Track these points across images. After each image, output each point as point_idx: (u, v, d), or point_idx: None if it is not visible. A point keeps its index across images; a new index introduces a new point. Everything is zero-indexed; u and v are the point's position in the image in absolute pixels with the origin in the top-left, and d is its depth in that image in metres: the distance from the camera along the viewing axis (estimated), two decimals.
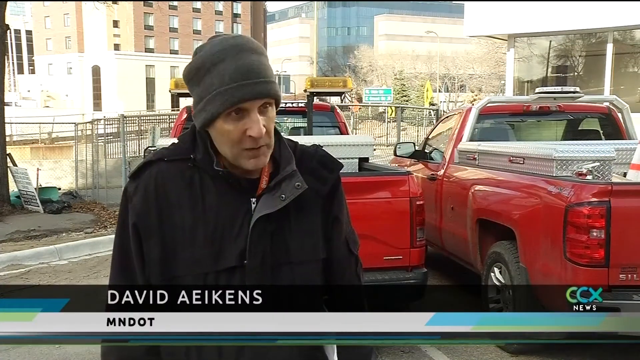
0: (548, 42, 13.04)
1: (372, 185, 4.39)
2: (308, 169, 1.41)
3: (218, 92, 1.29)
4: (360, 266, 1.57)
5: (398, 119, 19.79)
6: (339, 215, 1.48)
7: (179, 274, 1.34)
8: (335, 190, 1.46)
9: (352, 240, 1.53)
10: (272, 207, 1.34)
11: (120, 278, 1.40)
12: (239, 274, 1.33)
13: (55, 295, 1.34)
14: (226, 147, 1.33)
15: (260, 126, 1.30)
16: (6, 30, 11.06)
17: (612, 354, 4.53)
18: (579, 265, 3.72)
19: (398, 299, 4.72)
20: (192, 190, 1.35)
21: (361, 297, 1.56)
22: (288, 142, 1.46)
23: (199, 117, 1.34)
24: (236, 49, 1.31)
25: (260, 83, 1.30)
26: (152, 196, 1.35)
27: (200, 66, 1.32)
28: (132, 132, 16.78)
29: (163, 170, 1.37)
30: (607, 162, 4.02)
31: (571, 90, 5.96)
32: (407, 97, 56.48)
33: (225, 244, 1.33)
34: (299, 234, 1.39)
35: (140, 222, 1.36)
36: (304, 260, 1.40)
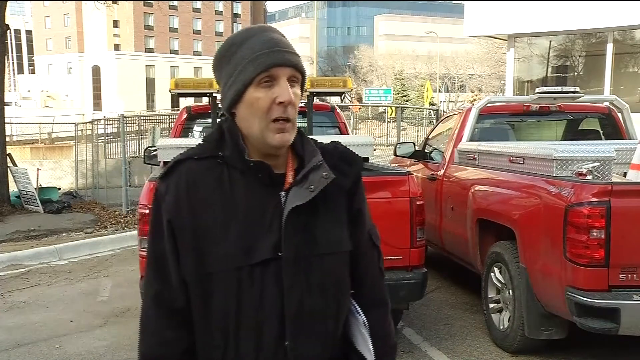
0: (548, 42, 13.03)
1: (372, 185, 4.38)
2: (331, 165, 1.43)
3: (250, 59, 1.34)
4: (382, 260, 1.60)
5: (398, 119, 19.80)
6: (361, 208, 1.51)
7: (213, 270, 1.35)
8: (357, 183, 1.50)
9: (374, 234, 1.57)
10: (302, 199, 1.36)
11: (156, 277, 1.42)
12: (273, 266, 1.35)
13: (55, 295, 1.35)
14: (255, 120, 1.36)
15: (290, 92, 1.35)
16: (6, 30, 11.06)
17: (612, 354, 4.53)
18: (579, 265, 3.72)
19: (398, 299, 4.76)
20: (222, 187, 1.38)
21: (384, 290, 1.59)
22: (310, 139, 1.50)
23: (230, 92, 1.38)
24: (263, 28, 1.41)
25: (291, 53, 1.38)
26: (183, 194, 1.38)
27: (232, 43, 1.39)
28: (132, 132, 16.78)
29: (192, 169, 1.40)
30: (607, 162, 4.02)
31: (571, 90, 5.96)
32: (407, 97, 56.48)
33: (257, 238, 1.35)
34: (327, 226, 1.41)
35: (173, 220, 1.38)
36: (333, 251, 1.42)
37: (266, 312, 1.35)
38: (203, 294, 1.37)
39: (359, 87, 55.62)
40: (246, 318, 1.35)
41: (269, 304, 1.35)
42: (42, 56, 76.13)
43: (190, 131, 6.32)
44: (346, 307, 1.47)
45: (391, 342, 1.58)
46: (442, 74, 61.77)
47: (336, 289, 1.43)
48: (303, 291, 1.37)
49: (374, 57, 71.45)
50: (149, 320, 1.44)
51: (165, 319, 1.41)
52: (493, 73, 51.63)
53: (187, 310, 1.40)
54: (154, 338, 1.42)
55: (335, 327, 1.43)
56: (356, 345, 1.47)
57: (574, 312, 3.73)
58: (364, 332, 1.47)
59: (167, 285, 1.40)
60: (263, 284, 1.35)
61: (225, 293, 1.35)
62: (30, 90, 69.06)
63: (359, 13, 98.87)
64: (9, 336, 5.06)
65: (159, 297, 1.41)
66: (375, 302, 1.55)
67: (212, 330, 1.38)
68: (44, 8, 72.60)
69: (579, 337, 4.31)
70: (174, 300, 1.40)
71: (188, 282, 1.38)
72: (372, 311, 1.52)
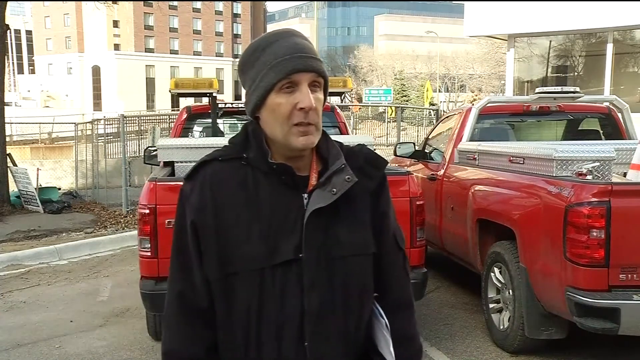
0: (548, 42, 13.03)
1: None
2: (356, 167, 1.44)
3: (272, 65, 1.36)
4: (408, 262, 1.60)
5: (398, 119, 19.77)
6: (386, 210, 1.52)
7: (236, 270, 1.37)
8: (382, 186, 1.51)
9: (399, 236, 1.56)
10: (324, 201, 1.37)
11: (180, 277, 1.44)
12: (295, 267, 1.36)
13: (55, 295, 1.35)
14: (277, 124, 1.37)
15: (310, 98, 1.35)
16: (6, 30, 11.06)
17: (612, 354, 4.53)
18: (579, 265, 3.72)
19: None
20: (246, 188, 1.40)
21: (409, 292, 1.58)
22: (335, 142, 1.50)
23: (253, 97, 1.39)
24: (287, 33, 1.42)
25: (312, 59, 1.38)
26: (207, 194, 1.40)
27: (256, 47, 1.40)
28: (132, 132, 16.77)
29: (217, 170, 1.42)
30: (607, 162, 4.02)
31: (571, 90, 5.96)
32: (407, 97, 56.48)
33: (279, 239, 1.37)
34: (350, 228, 1.42)
35: (198, 220, 1.40)
36: (356, 253, 1.42)
37: (287, 313, 1.36)
38: (226, 293, 1.39)
39: (359, 87, 55.62)
40: (267, 318, 1.36)
41: (290, 304, 1.36)
42: (42, 56, 76.12)
43: (190, 131, 6.32)
44: (369, 309, 1.48)
45: (417, 345, 1.57)
46: (442, 74, 61.77)
47: (359, 291, 1.43)
48: (324, 293, 1.38)
49: (374, 57, 71.46)
50: (172, 318, 1.46)
51: (188, 318, 1.43)
52: (493, 73, 51.64)
53: (210, 309, 1.42)
54: (177, 336, 1.44)
55: (357, 329, 1.44)
56: (379, 347, 1.47)
57: (574, 312, 3.73)
58: (386, 334, 1.47)
59: (190, 284, 1.42)
60: (284, 284, 1.36)
61: (248, 293, 1.37)
62: (30, 90, 69.05)
63: (359, 13, 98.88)
64: (9, 336, 5.06)
65: (182, 296, 1.43)
66: (401, 304, 1.55)
67: (234, 329, 1.39)
68: (44, 8, 72.61)
69: (579, 337, 4.31)
70: (197, 299, 1.42)
71: (211, 282, 1.40)
72: (398, 314, 1.52)
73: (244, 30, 78.45)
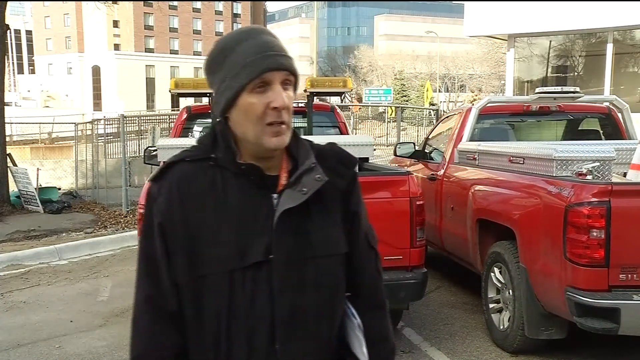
0: (548, 42, 13.03)
1: (372, 185, 4.38)
2: (326, 166, 1.43)
3: (243, 65, 1.33)
4: (380, 261, 1.58)
5: (398, 119, 19.79)
6: (358, 210, 1.50)
7: (204, 273, 1.34)
8: (353, 185, 1.49)
9: (372, 235, 1.56)
10: (294, 201, 1.36)
11: (147, 280, 1.41)
12: (265, 269, 1.34)
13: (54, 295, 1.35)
14: (249, 125, 1.35)
15: (284, 97, 1.34)
16: (6, 30, 11.05)
17: (612, 354, 4.53)
18: (579, 265, 3.72)
19: (398, 299, 4.75)
20: (215, 189, 1.37)
21: (382, 292, 1.57)
22: (305, 140, 1.49)
23: (222, 97, 1.37)
24: (257, 31, 1.39)
25: (283, 57, 1.36)
26: (175, 196, 1.37)
27: (224, 47, 1.38)
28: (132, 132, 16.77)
29: (185, 171, 1.39)
30: (607, 162, 4.02)
31: (571, 90, 5.96)
32: (407, 97, 56.48)
33: (249, 240, 1.35)
34: (321, 229, 1.41)
35: (165, 222, 1.37)
36: (327, 254, 1.41)
37: (257, 315, 1.34)
38: (194, 296, 1.36)
39: (359, 87, 55.62)
40: (237, 321, 1.34)
41: (260, 307, 1.34)
42: (42, 56, 76.12)
43: (190, 131, 6.31)
44: (341, 309, 1.46)
45: (390, 345, 1.56)
46: (442, 74, 61.76)
47: (330, 292, 1.42)
48: (295, 294, 1.36)
49: (374, 57, 71.46)
50: (140, 323, 1.42)
51: (157, 322, 1.39)
52: (493, 73, 51.63)
53: (179, 313, 1.39)
54: (145, 341, 1.41)
55: (329, 330, 1.42)
56: (352, 348, 1.46)
57: (574, 312, 3.73)
58: (359, 335, 1.46)
59: (158, 288, 1.39)
60: (255, 287, 1.34)
61: (217, 296, 1.34)
62: (30, 90, 69.07)
63: (359, 13, 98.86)
64: (9, 336, 5.06)
65: (150, 300, 1.40)
66: (374, 304, 1.54)
67: (203, 333, 1.37)
68: (44, 8, 72.60)
69: (579, 337, 4.31)
70: (166, 303, 1.39)
71: (180, 285, 1.37)
72: (370, 313, 1.51)
73: None
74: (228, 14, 76.91)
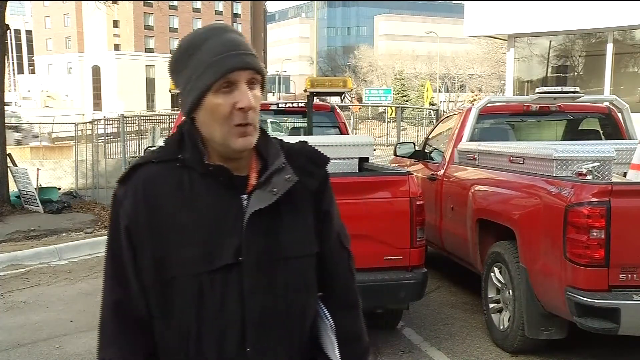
0: (548, 42, 13.03)
1: (372, 185, 4.38)
2: (297, 165, 1.40)
3: (208, 64, 1.30)
4: (353, 261, 1.56)
5: (398, 119, 19.79)
6: (329, 210, 1.48)
7: (173, 275, 1.32)
8: (324, 184, 1.46)
9: (344, 235, 1.53)
10: (264, 202, 1.33)
11: (115, 285, 1.38)
12: (235, 271, 1.32)
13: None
14: (216, 126, 1.32)
15: (250, 98, 1.31)
16: (6, 30, 11.04)
17: (612, 354, 4.53)
18: (579, 265, 3.72)
19: (398, 299, 4.75)
20: (182, 191, 1.34)
21: (355, 292, 1.55)
22: (274, 139, 1.46)
23: (188, 98, 1.34)
24: (220, 29, 1.36)
25: (249, 55, 1.33)
26: (142, 199, 1.34)
27: (188, 46, 1.34)
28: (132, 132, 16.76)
29: (152, 173, 1.36)
30: (607, 162, 4.02)
31: (571, 90, 5.96)
32: (407, 97, 56.48)
33: (219, 242, 1.32)
34: (292, 229, 1.38)
35: (132, 225, 1.35)
36: (298, 255, 1.39)
37: (227, 319, 1.32)
38: (163, 300, 1.34)
39: (359, 87, 55.63)
40: (207, 324, 1.32)
41: (230, 310, 1.32)
42: (42, 56, 76.14)
43: None
44: (313, 310, 1.45)
45: (363, 345, 1.55)
46: (442, 74, 61.76)
47: (301, 293, 1.40)
48: (265, 296, 1.34)
49: (374, 57, 71.47)
50: (108, 328, 1.39)
51: (125, 327, 1.37)
52: (493, 73, 51.64)
53: (148, 317, 1.37)
54: (114, 346, 1.38)
55: (301, 331, 1.41)
56: (324, 349, 1.45)
57: (574, 312, 3.73)
58: (331, 336, 1.44)
59: (126, 292, 1.36)
60: (224, 289, 1.32)
61: (186, 299, 1.32)
62: (30, 90, 69.04)
63: (359, 13, 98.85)
64: (9, 336, 5.06)
65: (118, 304, 1.37)
66: (347, 304, 1.52)
67: (173, 337, 1.35)
68: (44, 8, 72.62)
69: (579, 337, 4.31)
70: (134, 307, 1.36)
71: (148, 289, 1.35)
72: (343, 314, 1.50)
73: (244, 30, 78.32)
74: (228, 14, 76.94)
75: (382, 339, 4.81)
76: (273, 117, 7.23)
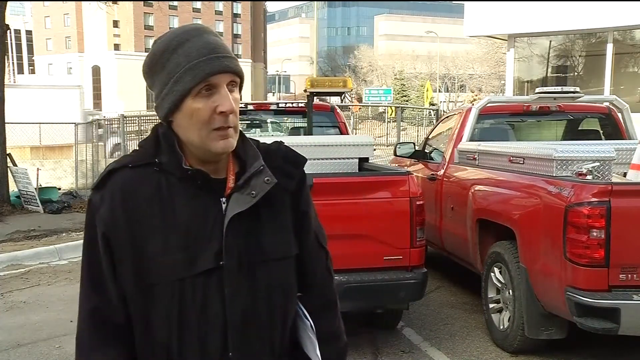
0: (548, 42, 13.03)
1: (372, 185, 4.38)
2: (274, 166, 1.40)
3: (187, 68, 1.28)
4: (331, 260, 1.55)
5: (398, 119, 19.80)
6: (307, 210, 1.47)
7: (153, 282, 1.30)
8: (302, 184, 1.46)
9: (321, 234, 1.53)
10: (243, 205, 1.32)
11: (92, 293, 1.36)
12: (216, 276, 1.31)
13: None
14: (195, 130, 1.30)
15: (231, 101, 1.29)
16: (6, 30, 11.05)
17: (612, 354, 4.53)
18: (579, 265, 3.72)
19: (398, 299, 4.75)
20: (160, 195, 1.32)
21: (333, 291, 1.55)
22: (250, 141, 1.45)
23: (166, 102, 1.31)
24: (198, 31, 1.33)
25: (228, 58, 1.31)
26: (119, 204, 1.31)
27: (164, 49, 1.31)
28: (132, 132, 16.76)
29: (128, 178, 1.33)
30: (607, 162, 4.02)
31: (571, 90, 5.96)
32: (407, 97, 56.49)
33: (199, 247, 1.30)
34: (272, 231, 1.38)
35: (109, 232, 1.32)
36: (278, 257, 1.38)
37: (209, 324, 1.31)
38: (143, 306, 1.32)
39: (359, 87, 55.64)
40: (189, 330, 1.31)
41: (212, 315, 1.31)
42: (42, 56, 76.12)
43: None
44: (293, 312, 1.44)
45: (342, 344, 1.55)
46: (442, 74, 61.77)
47: (282, 295, 1.40)
48: (246, 300, 1.33)
49: (374, 57, 71.50)
50: (86, 336, 1.37)
51: (103, 336, 1.35)
52: (493, 73, 51.63)
53: (127, 325, 1.35)
54: (92, 355, 1.35)
55: (282, 333, 1.41)
56: (305, 349, 1.45)
57: (574, 312, 3.73)
58: (312, 336, 1.44)
59: (105, 300, 1.34)
60: (206, 294, 1.30)
61: (167, 305, 1.30)
62: None
63: (359, 13, 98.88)
64: (9, 336, 5.06)
65: (96, 312, 1.35)
66: (325, 304, 1.52)
67: (154, 343, 1.33)
68: (44, 8, 72.61)
69: (579, 337, 4.31)
70: (113, 315, 1.34)
71: (127, 296, 1.33)
72: (321, 313, 1.50)
73: (244, 30, 78.46)
74: (228, 14, 76.91)
75: (382, 339, 4.81)
76: (273, 117, 7.23)
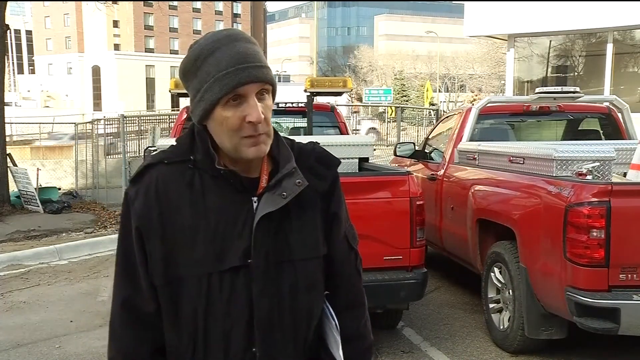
0: (548, 42, 13.03)
1: (372, 185, 4.38)
2: (306, 167, 1.41)
3: (216, 78, 1.29)
4: (360, 261, 1.57)
5: (398, 119, 19.77)
6: (338, 212, 1.48)
7: (182, 275, 1.34)
8: (334, 186, 1.47)
9: (352, 235, 1.54)
10: (274, 205, 1.34)
11: (125, 282, 1.41)
12: (243, 273, 1.34)
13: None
14: (225, 137, 1.33)
15: (259, 111, 1.30)
16: (6, 30, 11.05)
17: (612, 354, 4.53)
18: (579, 265, 3.72)
19: (398, 299, 4.75)
20: (193, 192, 1.35)
21: (362, 291, 1.56)
22: (285, 140, 1.46)
23: (198, 109, 1.34)
24: (230, 38, 1.33)
25: (257, 67, 1.31)
26: (153, 199, 1.35)
27: (197, 56, 1.32)
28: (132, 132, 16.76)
29: (163, 173, 1.37)
30: (607, 162, 4.02)
31: (571, 90, 5.96)
32: (407, 97, 56.46)
33: (228, 244, 1.34)
34: (300, 231, 1.39)
35: (142, 226, 1.36)
36: (306, 257, 1.40)
37: (234, 319, 1.34)
38: (172, 298, 1.36)
39: (359, 87, 55.60)
40: (214, 324, 1.34)
41: (237, 311, 1.34)
42: (42, 56, 76.12)
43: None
44: (319, 311, 1.46)
45: (367, 344, 1.56)
46: (442, 74, 61.76)
47: (309, 295, 1.41)
48: (273, 298, 1.36)
49: (374, 57, 71.47)
50: (118, 325, 1.42)
51: (134, 324, 1.40)
52: (493, 73, 51.62)
53: (157, 314, 1.39)
54: (123, 341, 1.42)
55: (307, 331, 1.42)
56: (329, 347, 1.46)
57: (574, 312, 3.74)
58: (336, 335, 1.45)
59: (137, 290, 1.39)
60: (232, 290, 1.33)
61: (194, 298, 1.34)
62: (30, 90, 69.01)
63: (359, 13, 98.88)
64: (9, 336, 5.06)
65: (128, 302, 1.40)
66: (352, 303, 1.53)
67: (181, 334, 1.37)
68: (44, 8, 72.60)
69: (579, 337, 4.31)
70: (144, 305, 1.39)
71: (157, 287, 1.37)
72: (348, 313, 1.51)
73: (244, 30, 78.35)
74: (228, 14, 76.90)
75: (382, 339, 4.81)
76: (273, 117, 7.23)
